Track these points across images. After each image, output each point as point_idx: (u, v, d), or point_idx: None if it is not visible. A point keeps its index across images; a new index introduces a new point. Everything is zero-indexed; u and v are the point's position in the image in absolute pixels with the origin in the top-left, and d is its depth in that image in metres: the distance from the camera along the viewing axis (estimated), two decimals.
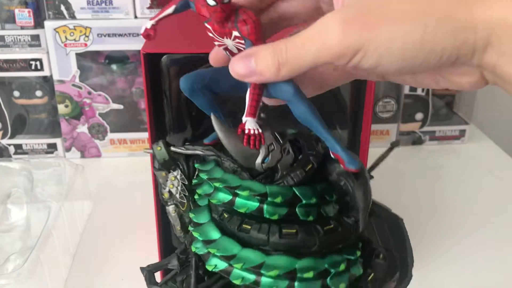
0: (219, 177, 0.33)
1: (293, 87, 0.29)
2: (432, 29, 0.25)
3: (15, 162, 0.72)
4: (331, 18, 0.26)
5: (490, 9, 0.25)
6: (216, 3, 0.28)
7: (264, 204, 0.31)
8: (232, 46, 0.30)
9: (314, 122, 0.30)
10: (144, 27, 0.34)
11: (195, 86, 0.32)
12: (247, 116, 0.30)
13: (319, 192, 0.32)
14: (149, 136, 0.54)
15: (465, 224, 0.73)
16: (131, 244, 0.68)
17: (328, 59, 0.26)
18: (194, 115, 0.58)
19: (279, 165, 0.32)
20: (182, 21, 0.66)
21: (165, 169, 0.36)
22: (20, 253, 0.58)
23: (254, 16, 0.29)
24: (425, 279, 0.63)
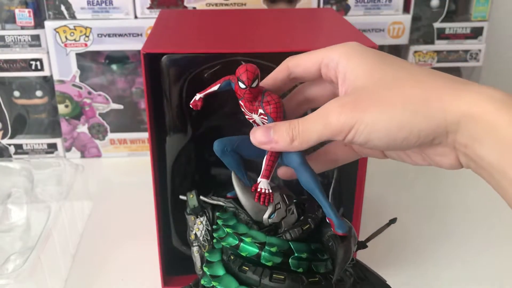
0: (231, 225, 0.38)
1: (300, 158, 0.36)
2: (409, 115, 0.31)
3: (15, 162, 0.72)
4: (333, 102, 0.33)
5: (458, 101, 0.31)
6: (245, 86, 0.35)
7: (262, 252, 0.36)
8: (258, 120, 0.37)
9: (315, 189, 0.36)
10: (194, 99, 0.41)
11: (225, 149, 0.38)
12: (261, 178, 0.37)
13: (313, 249, 0.37)
14: (149, 136, 0.54)
15: (465, 224, 0.74)
16: (131, 244, 0.68)
17: (329, 135, 0.33)
18: (194, 115, 0.58)
19: (283, 222, 0.38)
20: (182, 22, 0.66)
21: (194, 214, 0.42)
22: (20, 253, 0.58)
23: (277, 99, 0.36)
24: (425, 279, 0.63)
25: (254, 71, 0.35)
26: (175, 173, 0.58)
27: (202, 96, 0.40)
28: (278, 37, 0.59)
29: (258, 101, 0.36)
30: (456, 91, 0.31)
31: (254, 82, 0.35)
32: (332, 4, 0.86)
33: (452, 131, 0.31)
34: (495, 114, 0.29)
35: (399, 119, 0.32)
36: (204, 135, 0.61)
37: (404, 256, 0.67)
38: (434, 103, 0.31)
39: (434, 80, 0.33)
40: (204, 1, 0.84)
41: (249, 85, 0.35)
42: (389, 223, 0.43)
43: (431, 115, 0.31)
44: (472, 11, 0.89)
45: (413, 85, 0.32)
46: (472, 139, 0.31)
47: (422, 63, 0.91)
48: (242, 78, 0.35)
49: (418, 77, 0.33)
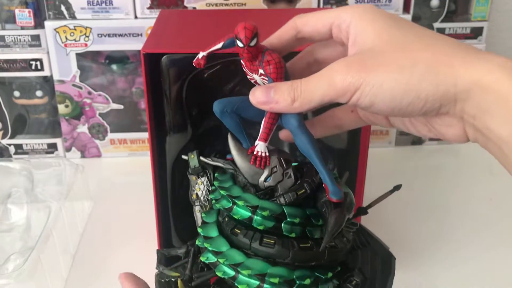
0: (227, 187, 0.38)
1: (297, 120, 0.35)
2: (416, 78, 0.30)
3: (15, 162, 0.72)
4: (338, 62, 0.32)
5: (470, 69, 0.29)
6: (243, 45, 0.34)
7: (254, 215, 0.36)
8: (260, 80, 0.36)
9: (312, 153, 0.35)
10: (197, 57, 0.40)
11: (225, 110, 0.37)
12: (259, 140, 0.36)
13: (308, 214, 0.37)
14: (149, 136, 0.54)
15: (465, 224, 0.74)
16: (131, 244, 0.68)
17: (334, 95, 0.32)
18: (194, 115, 0.58)
19: (279, 186, 0.37)
20: (182, 22, 0.66)
21: (195, 174, 0.42)
22: (21, 253, 0.58)
23: (277, 59, 0.35)
24: (425, 279, 0.63)
25: (252, 29, 0.34)
26: (175, 173, 0.58)
27: (206, 54, 0.39)
28: None
29: (259, 60, 0.35)
30: (468, 58, 0.30)
31: (253, 40, 0.34)
32: (332, 4, 0.86)
33: (461, 99, 0.30)
34: (508, 84, 0.28)
35: (406, 81, 0.30)
36: (204, 135, 0.61)
37: (404, 256, 0.67)
38: (444, 68, 0.30)
39: (445, 45, 0.32)
40: (204, 1, 0.84)
41: (247, 43, 0.34)
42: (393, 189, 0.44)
43: (440, 80, 0.30)
44: (472, 11, 0.89)
45: (422, 48, 0.31)
46: (481, 110, 0.30)
47: None
48: (240, 36, 0.34)
49: (429, 41, 0.32)
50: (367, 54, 0.32)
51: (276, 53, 0.35)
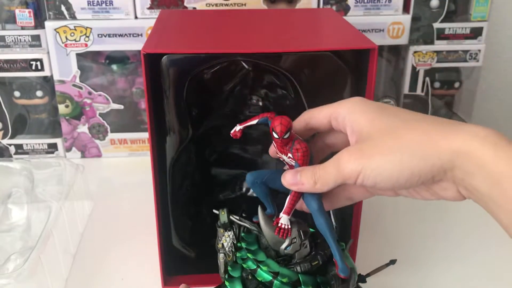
0: (253, 250, 0.44)
1: (318, 204, 0.41)
2: (408, 159, 0.37)
3: (15, 162, 0.72)
4: (343, 152, 0.39)
5: (448, 141, 0.35)
6: (279, 137, 0.41)
7: (275, 280, 0.41)
8: (287, 160, 0.43)
9: (327, 233, 0.41)
10: (234, 129, 0.46)
11: (256, 181, 0.44)
12: (283, 213, 0.42)
13: (318, 282, 0.42)
14: (150, 136, 0.54)
15: (465, 224, 0.74)
16: (131, 244, 0.69)
17: (342, 179, 0.39)
18: (194, 115, 0.58)
19: (297, 254, 0.43)
20: (182, 22, 0.66)
21: (223, 228, 0.47)
22: (21, 253, 0.58)
23: (305, 148, 0.41)
24: (425, 279, 0.63)
25: (287, 125, 0.40)
26: (175, 173, 0.58)
27: (242, 128, 0.46)
28: (278, 37, 0.59)
29: (289, 146, 0.41)
30: (446, 132, 0.36)
31: (287, 134, 0.40)
32: (332, 4, 0.86)
33: (449, 168, 0.36)
34: (481, 150, 0.34)
35: (399, 163, 0.37)
36: (204, 135, 0.61)
37: (404, 256, 0.67)
38: (428, 145, 0.36)
39: (427, 124, 0.38)
40: (204, 1, 0.84)
41: (282, 136, 0.40)
42: (389, 263, 0.49)
43: (426, 156, 0.36)
44: (472, 11, 0.89)
45: (407, 132, 0.38)
46: (465, 174, 0.35)
47: (422, 63, 0.91)
48: (276, 130, 0.40)
49: (412, 125, 0.38)
50: (365, 142, 0.39)
51: (304, 142, 0.42)
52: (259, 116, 0.45)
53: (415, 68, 0.91)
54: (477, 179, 0.35)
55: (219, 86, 0.59)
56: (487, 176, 0.34)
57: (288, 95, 0.60)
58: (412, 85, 0.93)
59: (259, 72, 0.58)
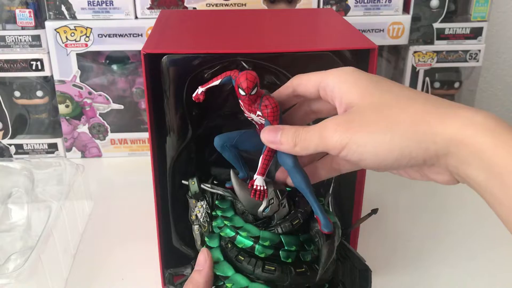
0: (229, 217, 0.42)
1: (292, 161, 0.39)
2: (398, 140, 0.34)
3: (16, 162, 0.72)
4: (330, 120, 0.37)
5: (445, 126, 0.33)
6: (245, 94, 0.38)
7: (256, 245, 0.40)
8: (257, 119, 0.40)
9: (305, 190, 0.40)
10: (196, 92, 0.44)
11: (225, 144, 0.42)
12: (257, 174, 0.40)
13: (301, 241, 0.41)
14: (150, 136, 0.54)
15: (465, 224, 0.74)
16: (131, 244, 0.69)
17: (324, 148, 0.36)
18: (194, 115, 0.58)
19: (275, 215, 0.42)
20: (183, 22, 0.66)
21: (195, 198, 0.46)
22: (21, 253, 0.58)
23: (274, 103, 0.39)
24: (424, 279, 0.63)
25: (253, 80, 0.38)
26: (175, 173, 0.58)
27: (204, 90, 0.43)
28: (278, 37, 0.59)
29: (257, 103, 0.39)
30: (442, 116, 0.33)
31: (254, 90, 0.38)
32: (332, 4, 0.86)
33: (442, 154, 0.33)
34: (478, 138, 0.32)
35: (389, 143, 0.34)
36: (204, 135, 0.61)
37: (404, 255, 0.67)
38: (422, 127, 0.33)
39: (422, 105, 0.35)
40: (204, 1, 0.84)
41: (249, 93, 0.38)
42: (371, 213, 0.48)
43: (419, 139, 0.33)
44: (472, 12, 0.89)
45: (401, 111, 0.35)
46: (460, 162, 0.33)
47: (422, 63, 0.91)
48: (242, 86, 0.38)
49: (406, 103, 0.35)
50: (353, 114, 0.36)
51: (272, 97, 0.40)
52: (222, 75, 0.42)
53: (415, 68, 0.91)
54: (473, 169, 0.32)
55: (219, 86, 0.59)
56: (485, 167, 0.32)
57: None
58: (412, 85, 0.93)
59: (259, 72, 0.58)
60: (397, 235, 0.71)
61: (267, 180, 0.41)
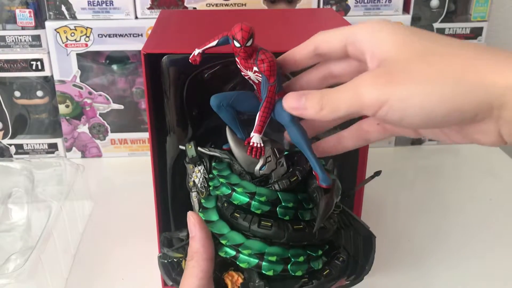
0: (225, 175, 0.41)
1: (289, 114, 0.37)
2: (449, 90, 0.29)
3: (16, 162, 0.72)
4: (365, 75, 0.32)
5: (501, 74, 0.29)
6: (240, 45, 0.37)
7: (252, 201, 0.39)
8: (253, 77, 0.39)
9: (303, 145, 0.38)
10: (193, 53, 0.42)
11: (221, 104, 0.40)
12: (254, 132, 0.39)
13: (299, 199, 0.40)
14: (150, 136, 0.54)
15: (465, 224, 0.74)
16: (131, 244, 0.69)
17: (359, 108, 0.32)
18: (195, 115, 0.58)
19: (273, 174, 0.41)
20: (183, 22, 0.66)
21: (192, 163, 0.45)
22: (21, 253, 0.58)
23: (270, 57, 0.37)
24: (424, 279, 0.63)
25: (248, 30, 0.36)
26: (175, 173, 0.58)
27: (201, 51, 0.42)
28: (278, 37, 0.59)
29: (253, 58, 0.38)
30: (498, 62, 0.29)
31: (249, 41, 0.37)
32: (332, 4, 0.86)
33: (497, 106, 0.29)
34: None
35: (439, 94, 0.29)
36: (204, 135, 0.61)
37: (404, 255, 0.67)
38: (474, 76, 0.29)
39: (472, 52, 0.30)
40: (204, 1, 0.84)
41: (244, 44, 0.37)
42: (374, 175, 0.46)
43: (472, 89, 0.29)
44: (472, 11, 0.89)
45: (449, 57, 0.30)
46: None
47: None
48: (237, 37, 0.37)
49: (454, 49, 0.31)
50: (393, 66, 0.31)
51: (269, 52, 0.38)
52: (219, 36, 0.40)
53: None
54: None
55: (219, 86, 0.59)
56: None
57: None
58: None
59: None
60: (397, 235, 0.71)
61: (264, 138, 0.40)
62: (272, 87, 0.38)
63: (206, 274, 0.38)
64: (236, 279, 0.40)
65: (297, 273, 0.39)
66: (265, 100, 0.38)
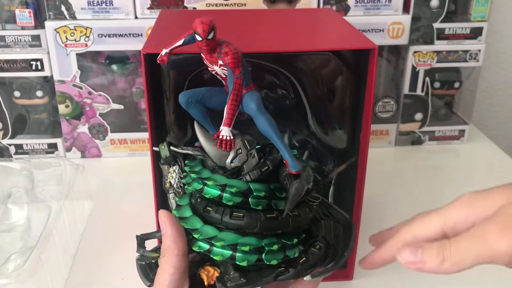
0: (197, 171, 0.42)
1: (257, 104, 0.39)
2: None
3: (15, 162, 0.72)
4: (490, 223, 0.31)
5: None
6: (202, 38, 0.37)
7: (224, 193, 0.39)
8: (220, 71, 0.39)
9: (271, 133, 0.39)
10: (160, 54, 0.42)
11: (190, 100, 0.41)
12: (223, 125, 0.39)
13: (272, 189, 0.40)
14: (149, 136, 0.54)
15: None
16: (131, 244, 0.68)
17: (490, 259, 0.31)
18: None
19: (245, 166, 0.41)
20: (182, 22, 0.66)
21: (167, 164, 0.45)
22: (21, 253, 0.58)
23: (233, 50, 0.38)
24: (425, 278, 0.63)
25: (209, 23, 0.37)
26: None
27: (168, 51, 0.42)
28: (278, 37, 0.59)
29: (217, 52, 0.38)
30: None
31: (210, 34, 0.37)
32: (332, 4, 0.86)
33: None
34: None
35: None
36: None
37: None
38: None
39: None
40: (204, 1, 0.84)
41: (205, 37, 0.37)
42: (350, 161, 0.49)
43: None
44: (472, 11, 0.89)
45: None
46: None
47: (422, 63, 0.91)
48: (198, 30, 0.37)
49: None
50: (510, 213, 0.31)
51: (232, 44, 0.38)
52: (185, 34, 0.41)
53: (415, 68, 0.91)
54: None
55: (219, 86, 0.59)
56: None
57: (288, 95, 0.60)
58: (412, 85, 0.93)
59: (259, 72, 0.58)
60: None
61: (234, 132, 0.40)
62: (238, 79, 0.39)
63: (178, 270, 0.38)
64: (212, 273, 0.40)
65: (272, 262, 0.39)
66: (232, 93, 0.39)
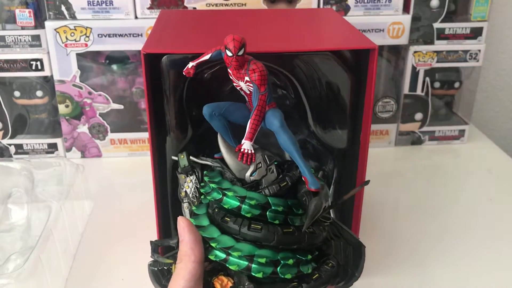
0: (216, 181, 0.42)
1: (279, 121, 0.40)
2: None
3: (15, 162, 0.72)
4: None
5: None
6: (232, 54, 0.39)
7: (243, 204, 0.40)
8: (245, 87, 0.41)
9: (292, 150, 0.40)
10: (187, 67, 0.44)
11: (214, 113, 0.43)
12: (245, 139, 0.40)
13: (289, 204, 0.41)
14: (149, 136, 0.54)
15: (465, 224, 0.74)
16: (131, 244, 0.69)
17: None
18: (194, 115, 0.58)
19: (263, 180, 0.42)
20: (182, 22, 0.66)
21: (184, 173, 0.45)
22: (21, 253, 0.58)
23: (261, 67, 0.39)
24: (424, 278, 0.63)
25: (240, 40, 0.38)
26: (175, 173, 0.58)
27: (195, 64, 0.44)
28: (278, 37, 0.59)
29: (245, 69, 0.39)
30: None
31: (241, 50, 0.39)
32: (332, 4, 0.86)
33: None
34: None
35: None
36: (204, 135, 0.61)
37: (403, 255, 0.67)
38: None
39: None
40: (204, 1, 0.84)
41: (236, 53, 0.39)
42: (363, 184, 0.48)
43: None
44: (472, 11, 0.89)
45: None
46: None
47: (422, 63, 0.91)
48: (229, 46, 0.38)
49: None
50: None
51: (260, 62, 0.40)
52: (212, 50, 0.43)
53: (415, 68, 0.91)
54: None
55: (219, 87, 0.59)
56: None
57: (288, 95, 0.60)
58: (412, 85, 0.93)
59: None
60: (397, 234, 0.71)
61: (255, 146, 0.41)
62: (263, 96, 0.40)
63: (193, 277, 0.39)
64: (226, 283, 0.41)
65: (286, 276, 0.40)
66: (256, 109, 0.40)
